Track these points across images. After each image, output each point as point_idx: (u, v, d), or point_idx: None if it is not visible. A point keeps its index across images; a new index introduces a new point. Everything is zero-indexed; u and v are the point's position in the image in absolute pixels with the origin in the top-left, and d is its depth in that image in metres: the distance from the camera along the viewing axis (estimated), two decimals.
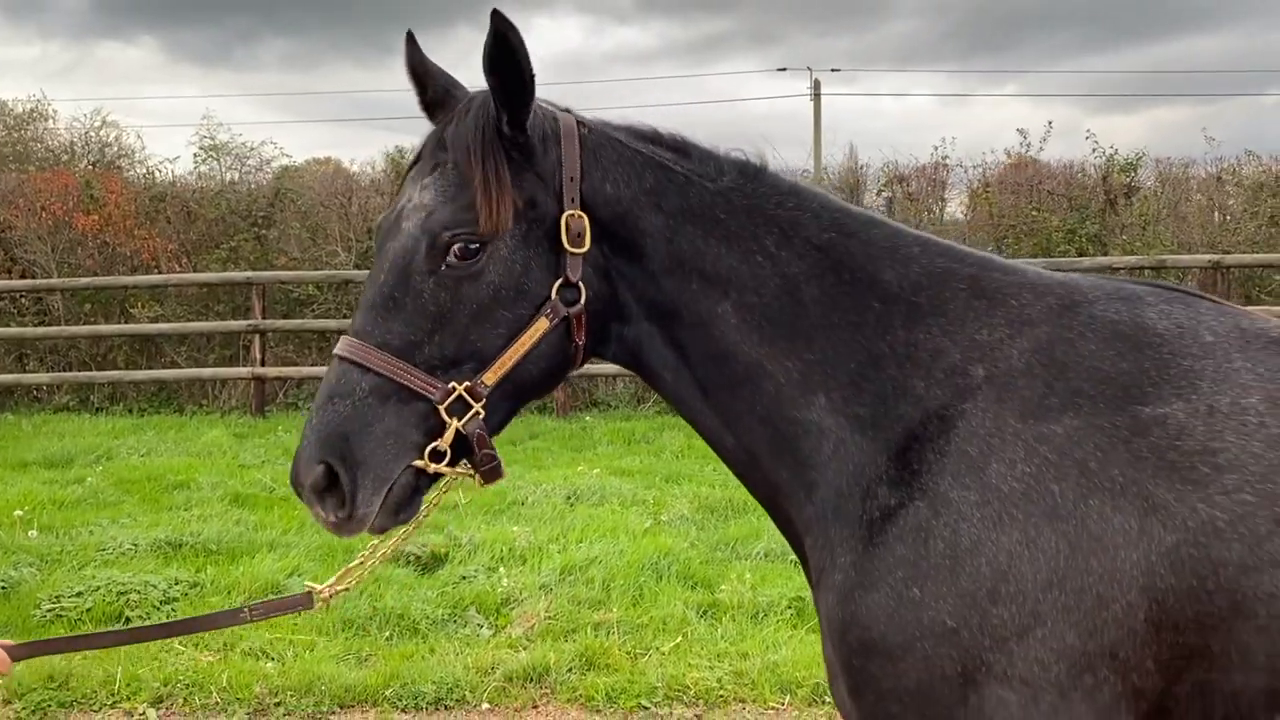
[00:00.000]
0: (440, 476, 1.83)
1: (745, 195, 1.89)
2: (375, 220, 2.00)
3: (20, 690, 4.44)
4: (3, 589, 5.53)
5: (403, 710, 4.38)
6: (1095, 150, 13.33)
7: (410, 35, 1.92)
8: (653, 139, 1.93)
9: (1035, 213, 12.82)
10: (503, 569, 5.88)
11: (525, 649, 4.84)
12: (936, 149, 14.63)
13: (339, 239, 13.64)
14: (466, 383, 1.78)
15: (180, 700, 4.44)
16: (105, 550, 6.19)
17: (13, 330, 12.82)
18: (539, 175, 1.83)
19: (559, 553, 6.12)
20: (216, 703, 4.40)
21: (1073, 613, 1.58)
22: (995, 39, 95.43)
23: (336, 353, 1.81)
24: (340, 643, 4.95)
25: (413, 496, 1.81)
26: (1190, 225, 12.94)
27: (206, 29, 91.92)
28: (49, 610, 5.25)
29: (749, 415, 1.87)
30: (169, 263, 13.56)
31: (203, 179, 15.31)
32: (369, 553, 2.14)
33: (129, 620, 5.18)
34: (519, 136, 1.82)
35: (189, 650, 4.86)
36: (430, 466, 1.78)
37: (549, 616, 5.20)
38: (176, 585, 5.56)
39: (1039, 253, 12.31)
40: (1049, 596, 1.59)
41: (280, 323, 12.21)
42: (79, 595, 5.36)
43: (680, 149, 1.93)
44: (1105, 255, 12.09)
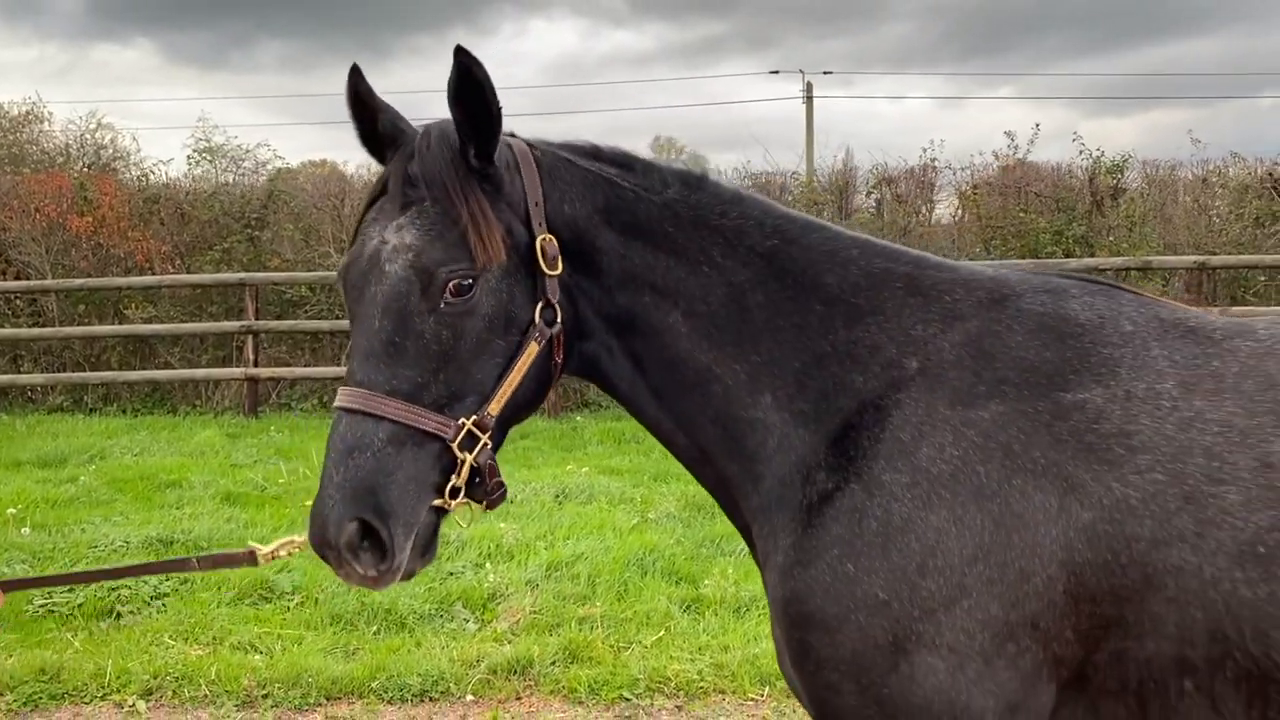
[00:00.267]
0: (449, 511, 1.83)
1: (690, 206, 1.96)
2: (338, 266, 1.98)
3: (11, 683, 4.51)
4: None
5: (388, 702, 4.45)
6: (1082, 152, 13.46)
7: (355, 68, 1.90)
8: (595, 155, 1.99)
9: (1023, 214, 12.93)
10: (490, 565, 5.96)
11: (510, 643, 4.91)
12: (925, 151, 14.75)
13: (332, 240, 13.71)
14: (474, 416, 1.80)
15: (169, 693, 4.50)
16: (97, 547, 6.26)
17: (7, 331, 12.87)
18: (508, 204, 1.86)
19: (546, 549, 6.19)
20: (205, 695, 4.47)
21: (996, 585, 1.67)
22: (991, 42, 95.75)
23: (343, 405, 1.78)
24: (328, 636, 5.02)
25: (435, 535, 1.83)
26: (1176, 227, 13.05)
27: (202, 32, 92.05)
28: (41, 605, 5.32)
29: (700, 416, 1.95)
30: (162, 264, 13.62)
31: (196, 181, 15.38)
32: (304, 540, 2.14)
33: (120, 615, 5.26)
34: (487, 168, 1.84)
35: (178, 644, 4.93)
36: (449, 504, 1.80)
37: (534, 611, 5.27)
38: (166, 581, 5.62)
39: (1026, 254, 12.41)
40: (974, 570, 1.68)
41: (273, 324, 12.28)
42: (70, 591, 5.42)
43: (624, 164, 1.99)
44: (1092, 256, 12.19)
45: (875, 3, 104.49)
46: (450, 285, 1.78)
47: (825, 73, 37.61)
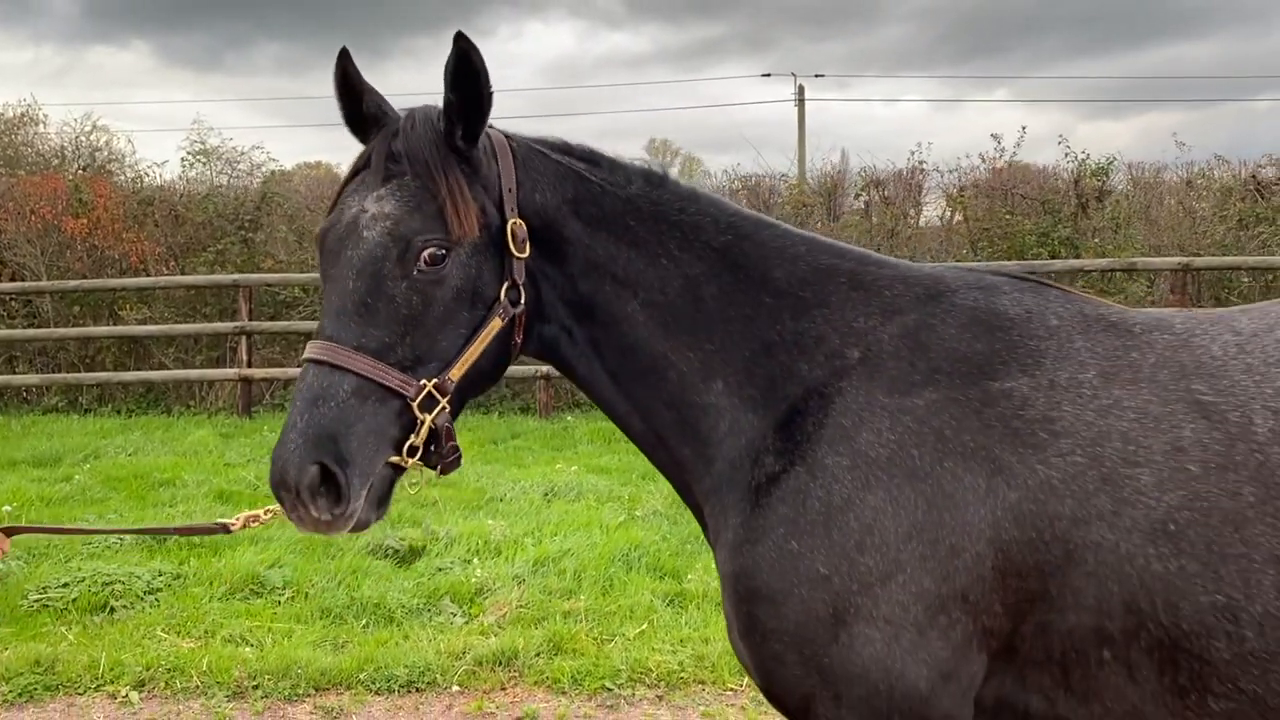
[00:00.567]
0: (405, 469, 1.91)
1: (651, 202, 2.08)
2: (316, 229, 2.09)
3: (7, 674, 4.61)
4: None
5: (376, 693, 4.56)
6: (1068, 155, 13.59)
7: (344, 50, 2.01)
8: (566, 150, 2.11)
9: (1009, 217, 13.05)
10: (477, 561, 6.06)
11: (496, 635, 5.02)
12: (913, 154, 14.87)
13: None
14: (435, 379, 1.89)
15: (162, 684, 4.60)
16: (91, 544, 6.33)
17: (2, 332, 12.93)
18: (484, 187, 1.97)
19: (533, 546, 6.30)
20: (197, 686, 4.57)
21: (929, 561, 1.78)
22: (988, 43, 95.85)
23: (311, 357, 1.85)
24: (317, 630, 5.12)
25: (389, 490, 1.91)
26: (1161, 229, 13.18)
27: (198, 34, 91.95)
28: (36, 600, 5.41)
29: (656, 401, 2.06)
30: (157, 265, 13.70)
31: (191, 183, 15.45)
32: (274, 510, 2.21)
33: (114, 610, 5.35)
34: (469, 150, 1.95)
35: (170, 637, 5.03)
36: (406, 461, 1.88)
37: (521, 605, 5.38)
38: (160, 576, 5.73)
39: (1013, 256, 12.52)
40: (909, 547, 1.79)
41: (266, 324, 12.36)
42: (65, 586, 5.52)
43: (591, 159, 2.11)
44: (1078, 258, 12.31)
45: (872, 5, 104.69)
46: (425, 254, 1.89)
47: (817, 76, 38.02)
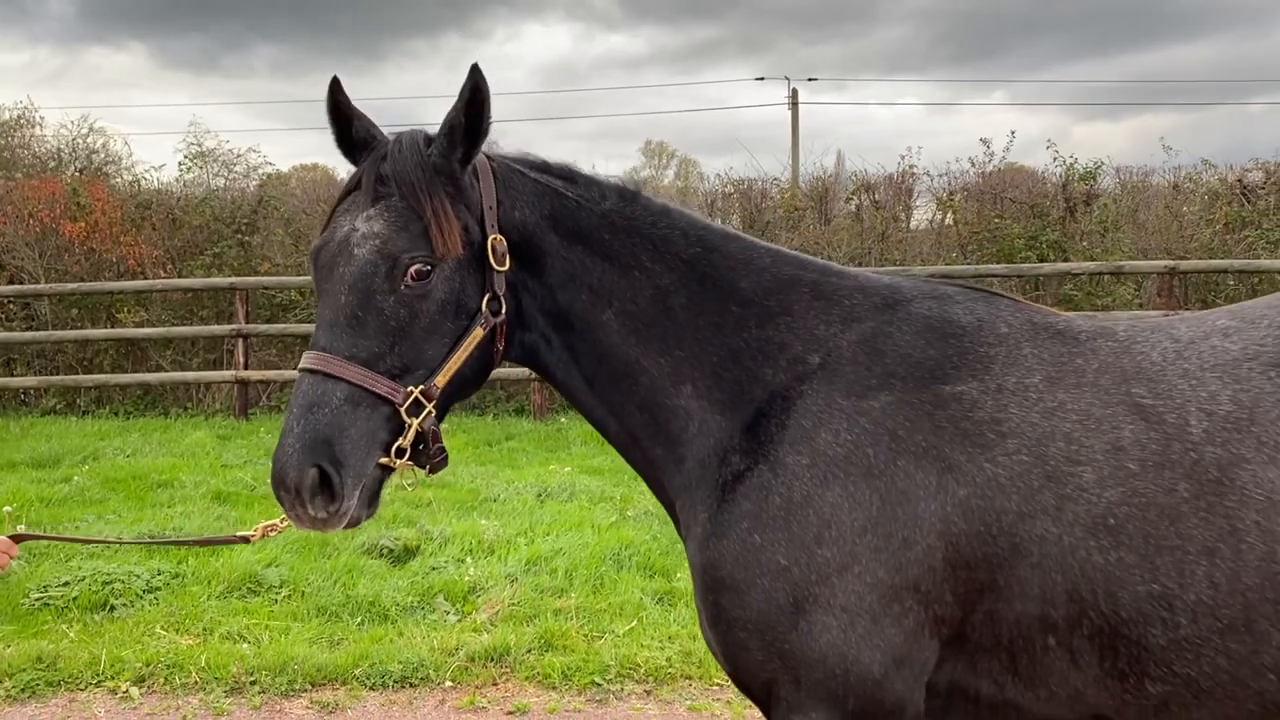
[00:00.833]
0: (394, 469, 2.04)
1: (625, 217, 2.20)
2: (311, 246, 2.23)
3: (10, 670, 4.72)
4: None
5: (370, 688, 4.67)
6: (1056, 159, 13.72)
7: (335, 80, 2.15)
8: (544, 169, 2.23)
9: (999, 220, 13.18)
10: (471, 560, 6.17)
11: (488, 633, 5.13)
12: (903, 158, 15.00)
13: None
14: (421, 386, 2.01)
15: (161, 680, 4.71)
16: (91, 543, 6.45)
17: (0, 335, 13.03)
18: (466, 206, 2.10)
19: (526, 545, 6.40)
20: (195, 682, 4.68)
21: (883, 553, 1.90)
22: (984, 45, 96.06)
23: (307, 367, 1.98)
24: (314, 627, 5.23)
25: (379, 490, 2.04)
26: (1148, 232, 13.31)
27: (195, 36, 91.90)
28: (37, 599, 5.52)
29: (629, 404, 2.18)
30: (154, 269, 13.79)
31: (188, 186, 15.54)
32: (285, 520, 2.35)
33: (114, 608, 5.46)
34: (457, 172, 2.08)
35: (169, 634, 5.14)
36: (395, 462, 2.01)
37: (513, 603, 5.49)
38: (159, 575, 5.83)
39: (1002, 259, 12.65)
40: (864, 540, 1.91)
41: (263, 327, 12.44)
42: (65, 585, 5.63)
43: (568, 176, 2.23)
44: (1066, 261, 12.44)
45: (868, 7, 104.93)
46: (411, 270, 2.01)
47: (810, 79, 38.36)
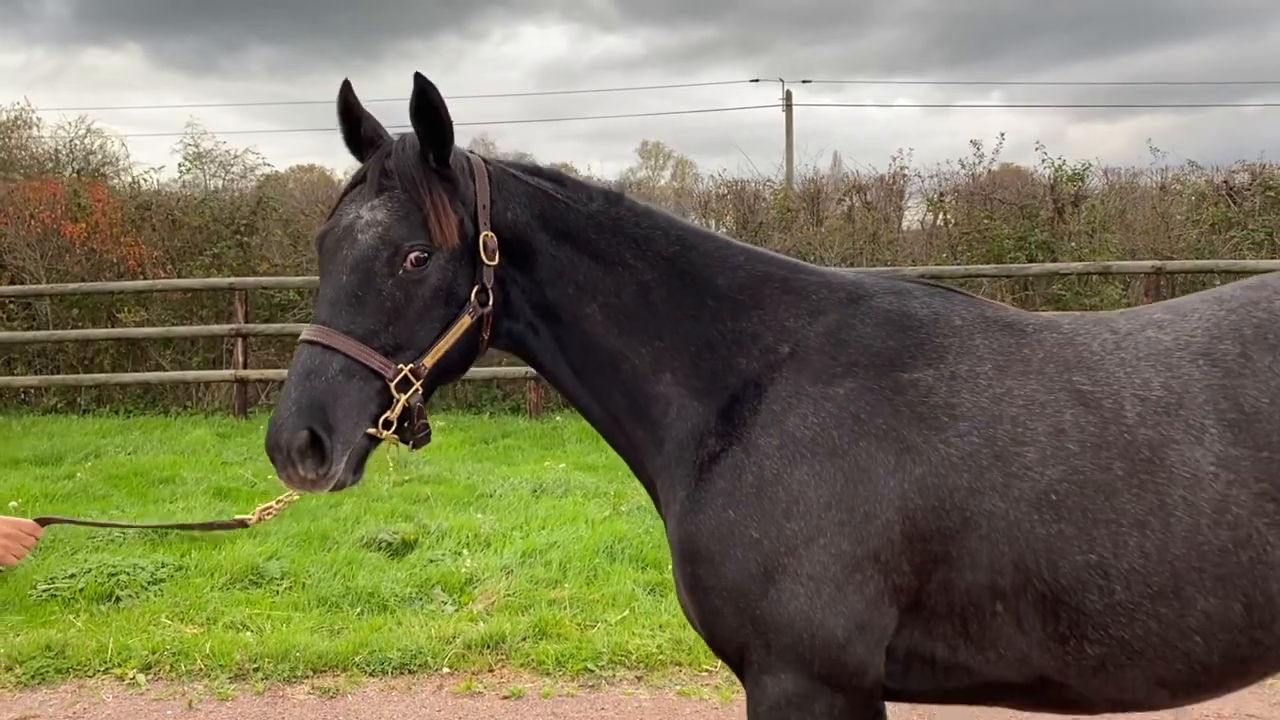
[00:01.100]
0: (380, 440, 2.19)
1: (610, 217, 2.36)
2: (315, 232, 2.40)
3: (20, 658, 4.87)
4: (0, 571, 5.94)
5: (370, 675, 4.82)
6: (1044, 160, 13.90)
7: (346, 82, 2.30)
8: (536, 173, 2.40)
9: (988, 221, 13.36)
10: (467, 553, 6.33)
11: (484, 622, 5.28)
12: (894, 160, 15.17)
13: None
14: (411, 365, 2.17)
15: (167, 667, 4.86)
16: (96, 537, 6.58)
17: (1, 334, 13.14)
18: (463, 203, 2.26)
19: (521, 539, 6.56)
20: (200, 669, 4.83)
21: (846, 526, 2.06)
22: (981, 46, 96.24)
23: (307, 338, 2.12)
24: (314, 617, 5.39)
25: (364, 458, 2.19)
26: (1136, 233, 13.48)
27: (191, 37, 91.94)
28: (44, 590, 5.67)
29: (613, 390, 2.34)
30: (154, 269, 13.92)
31: (187, 187, 15.68)
32: (285, 500, 2.59)
33: (120, 599, 5.61)
34: (444, 170, 2.24)
35: (174, 624, 5.29)
36: (381, 434, 2.16)
37: (508, 594, 5.65)
38: (163, 568, 5.99)
39: (991, 259, 12.82)
40: (829, 514, 2.07)
41: (262, 327, 12.57)
42: (72, 577, 5.78)
43: (558, 180, 2.39)
44: (1054, 261, 12.61)
45: (864, 8, 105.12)
46: (410, 257, 2.17)
47: (804, 81, 38.61)
